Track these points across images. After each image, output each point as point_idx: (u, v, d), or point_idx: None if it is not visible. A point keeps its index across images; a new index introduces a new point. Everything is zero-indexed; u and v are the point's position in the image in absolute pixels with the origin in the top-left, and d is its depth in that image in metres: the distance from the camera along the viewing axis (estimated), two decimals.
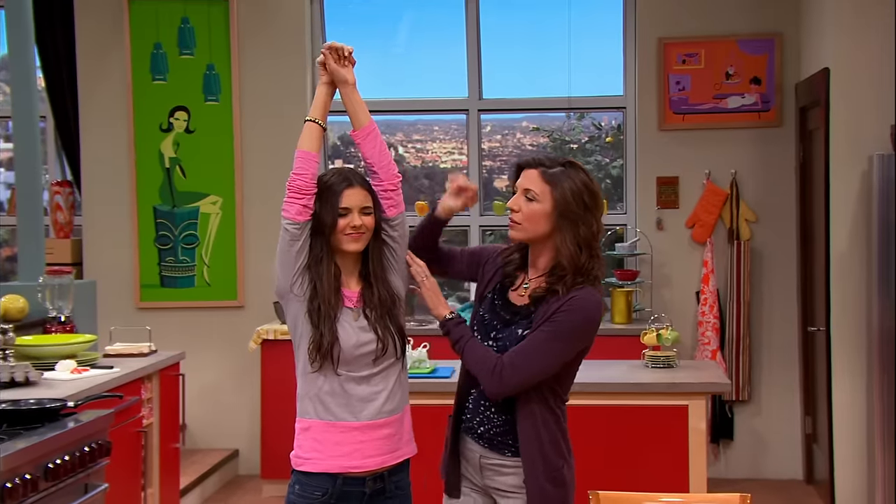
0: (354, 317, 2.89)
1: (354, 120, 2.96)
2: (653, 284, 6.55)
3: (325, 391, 2.88)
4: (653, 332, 4.60)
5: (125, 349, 4.92)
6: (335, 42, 3.00)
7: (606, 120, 7.13)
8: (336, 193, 2.87)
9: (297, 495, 2.90)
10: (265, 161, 6.70)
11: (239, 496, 6.28)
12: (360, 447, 2.87)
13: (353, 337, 2.87)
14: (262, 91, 6.73)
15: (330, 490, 2.87)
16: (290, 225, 2.85)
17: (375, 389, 2.89)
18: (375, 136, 2.96)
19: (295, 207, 2.85)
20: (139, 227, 6.76)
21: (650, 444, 4.23)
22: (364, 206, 2.89)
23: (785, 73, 6.46)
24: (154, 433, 4.91)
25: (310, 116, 2.94)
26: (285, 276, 2.87)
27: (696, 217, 6.51)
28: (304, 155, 2.88)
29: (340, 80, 2.96)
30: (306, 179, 2.85)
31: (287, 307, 2.91)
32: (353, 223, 2.86)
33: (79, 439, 3.38)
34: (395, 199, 2.94)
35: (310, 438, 2.90)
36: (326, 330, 2.83)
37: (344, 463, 2.87)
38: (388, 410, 2.91)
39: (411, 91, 7.03)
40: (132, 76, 6.73)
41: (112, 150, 6.79)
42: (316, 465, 2.88)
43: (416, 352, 4.47)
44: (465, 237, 7.03)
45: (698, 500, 3.05)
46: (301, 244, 2.85)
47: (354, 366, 2.87)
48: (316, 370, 2.87)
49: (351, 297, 2.91)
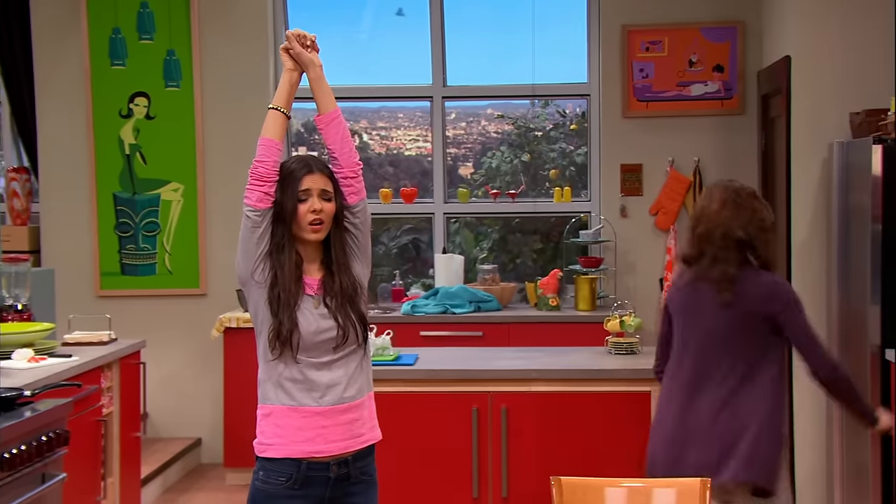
0: (315, 304, 2.89)
1: (320, 105, 2.97)
2: (617, 271, 6.58)
3: (286, 377, 2.88)
4: (616, 318, 4.62)
5: (84, 338, 4.87)
6: (299, 29, 3.03)
7: (571, 107, 7.14)
8: (296, 179, 2.89)
9: (261, 482, 2.90)
10: (227, 148, 6.65)
11: (202, 485, 6.25)
12: (323, 432, 2.88)
13: (314, 324, 2.87)
14: (224, 77, 6.67)
15: (294, 475, 2.87)
16: (252, 212, 2.86)
17: (336, 375, 2.90)
18: (339, 122, 2.96)
19: (256, 194, 2.86)
20: (99, 215, 6.69)
21: (613, 430, 4.25)
22: (324, 191, 2.89)
23: (747, 61, 6.50)
24: (114, 422, 4.87)
25: (273, 104, 2.95)
26: (246, 264, 2.88)
27: (660, 204, 6.54)
28: (267, 143, 2.89)
29: (307, 62, 2.96)
30: (268, 167, 2.87)
31: (248, 294, 2.91)
32: (312, 207, 2.87)
33: (36, 429, 3.35)
34: (355, 187, 2.95)
35: (272, 424, 2.89)
36: (286, 318, 2.84)
37: (307, 448, 2.87)
38: (349, 396, 2.91)
39: (375, 78, 7.01)
40: (90, 61, 6.65)
41: (70, 137, 6.71)
42: (279, 450, 2.88)
43: (379, 339, 4.47)
44: (429, 224, 7.03)
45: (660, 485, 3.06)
46: (262, 231, 2.87)
47: (314, 353, 2.88)
48: (275, 357, 2.87)
49: (312, 284, 2.91)
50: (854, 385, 3.52)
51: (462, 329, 6.16)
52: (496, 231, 7.26)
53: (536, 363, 4.42)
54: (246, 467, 6.17)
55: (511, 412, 4.29)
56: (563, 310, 6.35)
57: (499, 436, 4.28)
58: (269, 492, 2.88)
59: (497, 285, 6.53)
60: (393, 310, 6.47)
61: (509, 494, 4.28)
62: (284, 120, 2.93)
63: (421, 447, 4.31)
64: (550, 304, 6.30)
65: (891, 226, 4.70)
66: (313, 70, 2.97)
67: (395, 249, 7.33)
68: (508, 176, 7.17)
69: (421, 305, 6.29)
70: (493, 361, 4.49)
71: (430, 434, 4.30)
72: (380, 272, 7.14)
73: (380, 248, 7.30)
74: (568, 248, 6.72)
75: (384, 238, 7.33)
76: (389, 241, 7.34)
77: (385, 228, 7.30)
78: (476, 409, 4.28)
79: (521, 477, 4.28)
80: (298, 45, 2.98)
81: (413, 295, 6.66)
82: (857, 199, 4.91)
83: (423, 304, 6.31)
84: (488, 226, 7.28)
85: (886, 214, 4.69)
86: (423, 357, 4.57)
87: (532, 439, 4.28)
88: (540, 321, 6.20)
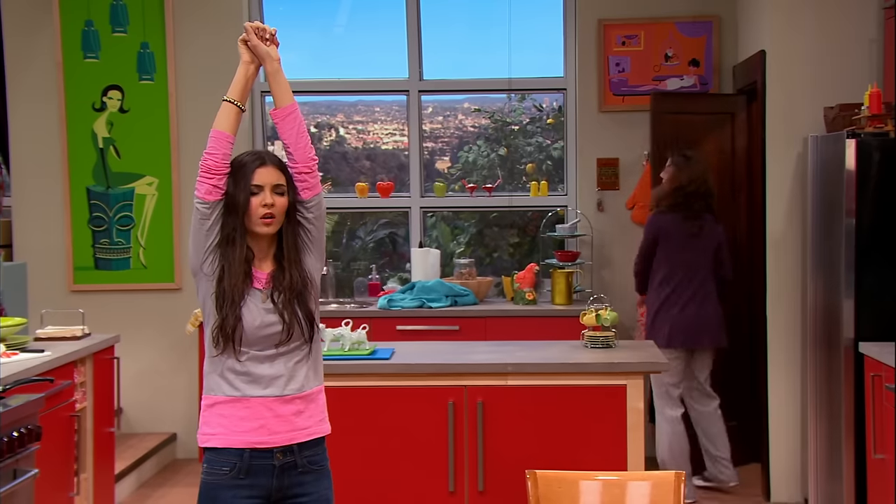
0: (262, 298, 2.89)
1: (276, 98, 2.96)
2: (593, 265, 6.59)
3: (229, 369, 2.88)
4: (592, 312, 4.63)
5: (57, 332, 4.84)
6: (258, 22, 3.01)
7: (547, 101, 7.15)
8: (249, 172, 2.88)
9: (206, 473, 2.89)
10: (202, 141, 6.45)
11: (177, 480, 6.22)
12: (265, 423, 2.87)
13: (258, 318, 2.86)
14: (199, 70, 6.64)
15: (238, 464, 2.86)
16: (201, 204, 2.87)
17: (278, 369, 2.89)
18: (295, 117, 2.94)
19: (205, 187, 2.87)
20: (72, 209, 6.65)
21: (589, 423, 4.25)
22: (276, 185, 2.89)
23: (723, 56, 6.52)
24: (88, 417, 4.84)
25: (227, 96, 2.94)
26: (196, 255, 2.89)
27: (636, 198, 6.56)
28: (218, 135, 2.89)
29: (264, 55, 2.95)
30: (217, 159, 2.87)
31: (198, 285, 2.92)
32: (264, 201, 2.86)
33: (7, 424, 3.32)
34: (309, 182, 2.93)
35: (215, 414, 2.89)
36: (230, 313, 2.83)
37: (250, 438, 2.86)
38: (294, 388, 2.90)
39: (352, 72, 6.99)
40: (63, 54, 6.60)
41: (42, 130, 6.66)
42: (221, 440, 2.87)
43: (355, 333, 4.45)
44: (405, 218, 7.02)
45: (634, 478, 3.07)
46: (211, 223, 2.87)
47: (258, 346, 2.87)
48: (219, 352, 2.87)
49: (261, 278, 2.90)
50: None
51: (438, 323, 6.15)
52: (473, 225, 7.26)
53: (513, 357, 4.42)
54: None
55: (487, 406, 4.29)
56: (540, 304, 6.36)
57: (475, 430, 4.27)
58: (214, 483, 2.87)
59: (474, 279, 6.54)
60: (369, 304, 6.46)
61: (485, 488, 4.28)
62: (238, 113, 2.92)
63: (397, 441, 4.30)
64: (527, 298, 6.31)
65: (865, 220, 4.73)
66: (270, 63, 2.95)
67: (372, 244, 7.32)
68: (485, 170, 7.17)
69: (397, 300, 6.29)
70: (470, 355, 4.48)
71: (406, 428, 4.29)
72: (356, 266, 7.13)
73: (356, 243, 7.29)
74: (544, 242, 6.73)
75: (360, 232, 7.32)
76: (366, 236, 7.33)
77: (362, 223, 7.29)
78: (452, 403, 4.28)
79: (497, 470, 4.28)
80: (256, 37, 2.95)
81: (389, 289, 6.66)
82: (832, 193, 4.94)
83: (399, 298, 6.30)
84: (465, 220, 7.28)
85: (860, 208, 4.73)
86: (400, 351, 4.56)
87: (508, 433, 4.28)
88: (516, 315, 6.20)
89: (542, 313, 6.21)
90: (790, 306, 5.56)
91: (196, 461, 6.40)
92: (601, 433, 4.24)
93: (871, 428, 4.40)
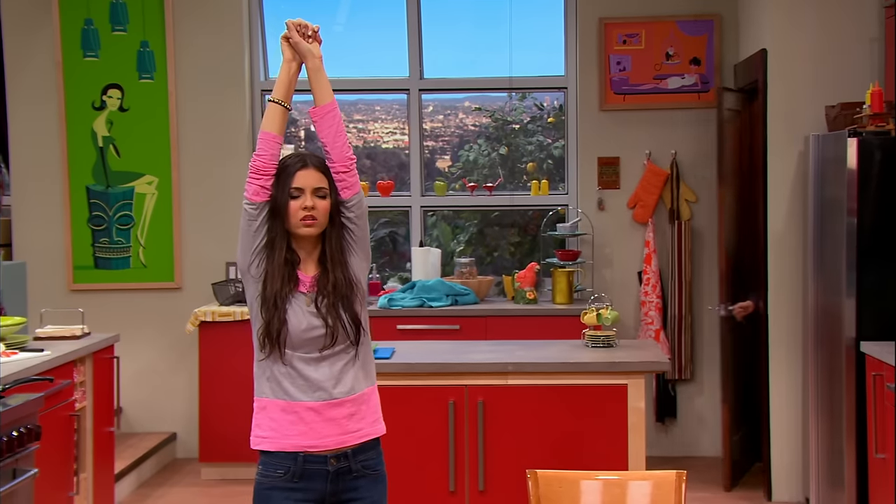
0: (307, 301, 2.89)
1: (317, 96, 2.94)
2: (594, 265, 6.59)
3: (279, 372, 2.89)
4: (593, 311, 4.63)
5: (56, 332, 4.84)
6: (301, 18, 2.99)
7: (548, 100, 7.15)
8: (290, 174, 2.88)
9: (261, 475, 2.91)
10: (202, 140, 6.61)
11: (177, 480, 6.23)
12: (315, 427, 2.87)
13: (304, 321, 2.87)
14: (199, 69, 6.63)
15: (292, 468, 2.87)
16: (248, 205, 2.87)
17: (324, 372, 2.89)
18: (334, 115, 2.93)
19: (253, 187, 2.87)
20: (72, 208, 6.65)
21: (590, 423, 4.26)
22: (318, 188, 2.89)
23: (724, 54, 6.52)
24: (87, 417, 4.84)
25: (272, 97, 2.93)
26: (244, 257, 2.89)
27: (637, 197, 6.56)
28: (265, 136, 2.90)
29: (305, 52, 2.94)
30: (265, 160, 2.87)
31: (246, 287, 2.93)
32: (304, 204, 2.86)
33: (6, 424, 3.32)
34: (348, 181, 2.92)
35: (266, 418, 2.90)
36: (275, 316, 2.84)
37: (300, 442, 2.87)
38: (343, 391, 2.90)
39: (352, 70, 6.98)
40: (62, 53, 6.60)
41: (42, 129, 6.66)
42: (273, 443, 2.88)
43: None
44: (406, 217, 7.02)
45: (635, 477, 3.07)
46: (258, 225, 2.87)
47: (303, 349, 2.88)
48: (266, 356, 2.88)
49: (305, 281, 2.90)
50: None
51: (439, 322, 6.15)
52: (473, 224, 7.26)
53: (513, 356, 4.42)
54: (221, 462, 6.16)
55: (488, 405, 4.29)
56: (541, 303, 6.36)
57: (475, 429, 4.28)
58: (268, 484, 2.89)
59: (474, 278, 6.54)
60: (370, 303, 6.45)
61: (486, 488, 4.28)
62: (284, 113, 2.91)
63: (397, 441, 4.29)
64: (527, 297, 6.31)
65: (866, 219, 4.73)
66: (312, 61, 2.94)
67: (372, 243, 7.30)
68: (486, 169, 7.17)
69: (398, 299, 6.29)
70: (470, 355, 4.48)
71: (407, 428, 4.30)
72: None
73: None
74: (545, 241, 6.73)
75: None
76: None
77: None
78: (453, 403, 4.28)
79: (497, 470, 4.28)
80: (297, 34, 2.94)
81: (390, 288, 6.65)
82: (833, 192, 4.94)
83: (399, 297, 6.30)
84: (466, 219, 7.28)
85: (862, 208, 4.73)
86: (400, 350, 4.57)
87: (508, 433, 4.28)
88: (517, 314, 6.20)
89: (542, 313, 6.21)
90: (791, 305, 5.56)
91: (195, 461, 6.40)
92: (602, 433, 4.24)
93: (873, 427, 4.40)
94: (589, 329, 4.63)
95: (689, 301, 6.47)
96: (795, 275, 5.56)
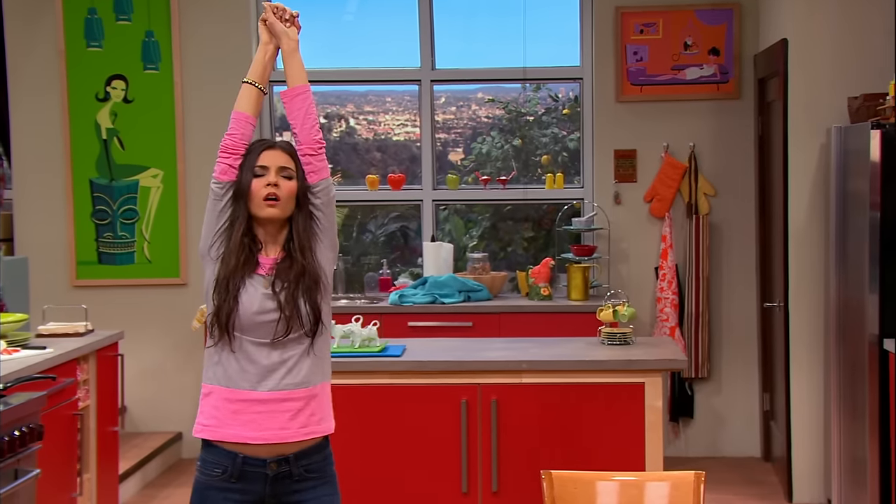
0: (265, 284, 2.86)
1: (290, 78, 2.96)
2: (610, 260, 6.58)
3: (226, 358, 2.86)
4: (609, 308, 4.62)
5: (59, 329, 4.85)
6: (280, 3, 3.02)
7: (563, 91, 7.13)
8: (255, 153, 2.90)
9: (200, 472, 2.91)
10: (208, 132, 6.61)
11: (182, 480, 6.24)
12: (257, 417, 2.84)
13: (256, 303, 2.83)
14: (205, 59, 6.64)
15: (230, 468, 2.86)
16: (215, 184, 2.90)
17: (275, 360, 2.85)
18: (305, 97, 2.94)
19: (220, 166, 2.90)
20: (74, 202, 6.67)
21: (605, 422, 4.25)
22: (282, 167, 2.89)
23: (743, 44, 6.50)
24: (91, 416, 4.86)
25: (247, 78, 2.95)
26: (206, 238, 2.92)
27: (655, 191, 6.54)
28: (238, 116, 2.92)
29: (280, 33, 2.97)
30: (235, 139, 2.90)
31: (205, 270, 2.93)
32: (269, 181, 2.85)
33: (8, 423, 3.33)
34: (315, 165, 2.92)
35: (209, 405, 2.91)
36: (226, 300, 2.82)
37: (241, 432, 2.85)
38: (292, 383, 2.86)
39: (362, 61, 6.98)
40: (65, 43, 6.61)
41: (45, 121, 6.68)
42: (213, 432, 2.88)
43: (366, 329, 4.46)
44: (417, 211, 7.02)
45: (652, 478, 3.06)
46: (223, 205, 2.89)
47: (253, 334, 2.84)
48: (214, 342, 2.86)
49: (265, 264, 2.88)
50: None
51: (451, 319, 6.15)
52: (486, 218, 7.26)
53: (527, 354, 4.41)
54: None
55: (501, 405, 4.28)
56: (555, 299, 6.35)
57: (488, 429, 4.27)
58: (206, 483, 2.89)
59: (487, 274, 6.53)
60: (380, 300, 6.46)
61: (499, 489, 4.28)
62: (258, 94, 2.94)
63: (408, 441, 4.31)
64: (542, 293, 6.30)
65: (889, 213, 4.71)
66: (287, 42, 2.96)
67: (383, 238, 7.32)
68: (499, 162, 7.16)
69: (409, 295, 6.29)
70: (483, 353, 4.48)
71: (418, 427, 4.30)
72: (367, 261, 7.13)
73: (367, 237, 7.29)
74: (560, 235, 6.72)
75: (371, 226, 7.32)
76: (377, 229, 7.33)
77: (372, 216, 7.29)
78: (465, 402, 4.28)
79: (511, 471, 4.28)
80: (273, 16, 2.97)
81: (401, 284, 6.66)
82: (856, 185, 4.92)
83: (411, 293, 6.30)
84: (478, 213, 7.27)
85: (885, 201, 4.71)
86: (411, 348, 4.56)
87: (523, 432, 4.28)
88: (531, 311, 6.19)
89: (557, 309, 6.20)
90: (812, 301, 5.55)
91: None
92: (618, 432, 4.23)
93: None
94: (605, 326, 4.63)
95: (707, 297, 6.45)
96: (817, 270, 5.54)
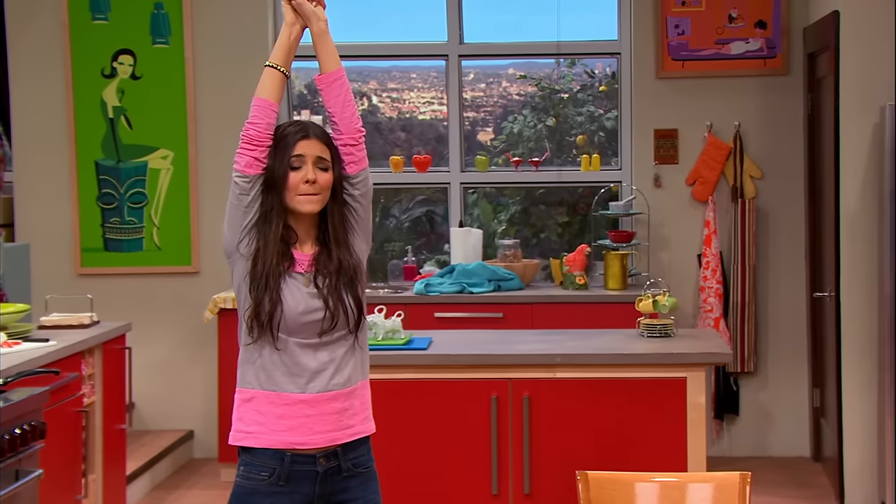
0: (305, 283, 2.87)
1: (322, 63, 2.94)
2: (650, 247, 6.56)
3: (269, 360, 2.85)
4: (649, 298, 4.61)
5: (63, 320, 4.87)
6: None
7: (600, 67, 7.12)
8: (290, 144, 2.87)
9: (242, 477, 2.87)
10: (221, 111, 6.62)
11: (194, 481, 6.26)
12: (307, 421, 2.85)
13: (301, 303, 2.84)
14: (218, 33, 6.64)
15: (278, 470, 2.84)
16: (240, 178, 2.85)
17: (323, 360, 2.87)
18: (342, 83, 2.93)
19: (245, 159, 2.85)
20: (79, 185, 6.69)
21: (645, 420, 4.25)
22: (319, 158, 2.87)
23: (792, 17, 6.45)
24: (96, 413, 4.88)
25: (270, 61, 2.92)
26: (232, 234, 2.87)
27: (697, 173, 6.51)
28: (261, 103, 2.88)
29: (309, 14, 2.93)
30: (260, 129, 2.86)
31: (233, 268, 2.90)
32: (306, 176, 2.84)
33: (8, 420, 3.35)
34: (356, 155, 2.92)
35: (252, 410, 2.87)
36: (266, 297, 2.81)
37: (289, 438, 2.85)
38: (338, 383, 2.88)
39: (385, 34, 6.99)
40: (69, 15, 6.62)
41: (47, 99, 6.70)
42: (259, 439, 2.85)
43: (389, 321, 4.46)
44: (444, 195, 7.01)
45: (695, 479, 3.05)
46: (251, 199, 2.85)
47: (299, 334, 2.85)
48: (253, 341, 2.84)
49: (303, 261, 2.88)
50: None
51: (480, 310, 6.15)
52: (518, 203, 7.25)
53: (562, 347, 4.42)
54: None
55: (534, 400, 4.29)
56: (591, 289, 6.34)
57: (520, 426, 4.28)
58: (250, 488, 2.85)
59: (519, 262, 6.52)
60: (405, 289, 6.46)
61: (532, 490, 4.28)
62: (282, 79, 2.91)
63: (435, 439, 4.31)
64: (577, 282, 6.29)
65: None
66: (316, 24, 2.93)
67: (408, 223, 7.32)
68: (532, 142, 7.15)
69: (435, 284, 6.29)
70: (515, 345, 4.49)
71: (445, 425, 4.31)
72: (391, 248, 7.13)
73: (391, 222, 7.28)
74: (596, 221, 6.70)
75: (395, 211, 7.32)
76: (401, 214, 7.33)
77: (396, 200, 7.29)
78: (495, 398, 4.28)
79: (544, 471, 4.28)
80: None
81: (427, 273, 6.65)
82: None
83: (437, 282, 6.30)
84: (509, 197, 7.26)
85: None
86: (438, 340, 4.57)
87: (556, 430, 4.28)
88: (566, 301, 6.19)
89: (593, 299, 6.20)
90: (865, 290, 5.49)
91: (215, 461, 6.43)
92: (658, 430, 4.24)
93: None
94: (644, 317, 4.62)
95: (753, 287, 6.41)
96: (870, 256, 5.49)
